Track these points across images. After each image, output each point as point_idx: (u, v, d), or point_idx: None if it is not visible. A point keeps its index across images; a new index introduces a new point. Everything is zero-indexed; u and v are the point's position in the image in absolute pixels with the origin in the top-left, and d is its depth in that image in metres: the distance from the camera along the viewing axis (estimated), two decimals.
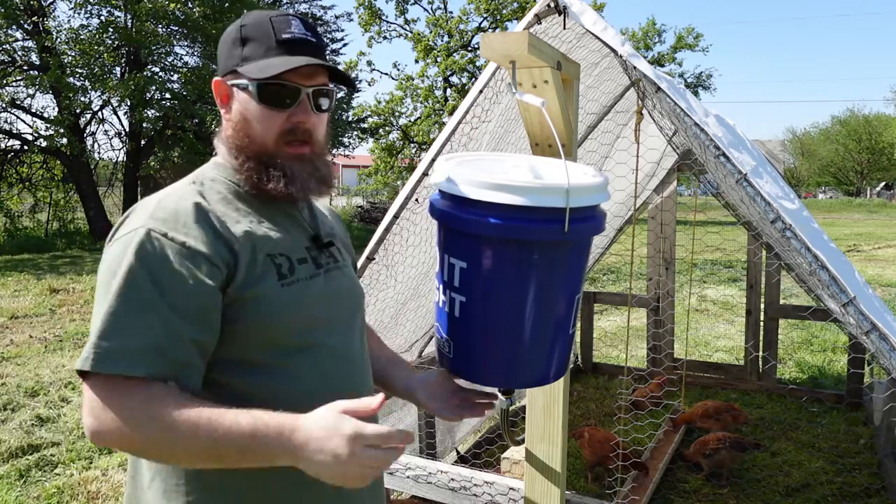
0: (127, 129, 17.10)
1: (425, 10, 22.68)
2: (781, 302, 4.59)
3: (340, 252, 1.25)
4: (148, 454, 0.97)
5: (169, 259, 0.98)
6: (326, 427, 0.89)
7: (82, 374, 0.94)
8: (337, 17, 27.69)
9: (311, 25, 1.13)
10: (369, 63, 25.67)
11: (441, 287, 1.16)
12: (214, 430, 0.90)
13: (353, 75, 21.25)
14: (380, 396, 0.92)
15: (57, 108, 15.46)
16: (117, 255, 0.99)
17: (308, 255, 1.14)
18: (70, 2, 14.81)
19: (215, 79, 1.14)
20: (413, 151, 21.46)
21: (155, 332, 0.94)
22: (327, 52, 1.17)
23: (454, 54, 21.11)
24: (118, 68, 16.08)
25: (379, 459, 0.89)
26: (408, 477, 2.38)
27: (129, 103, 15.52)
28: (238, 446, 0.91)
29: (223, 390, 1.03)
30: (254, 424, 0.91)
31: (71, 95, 14.29)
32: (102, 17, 15.06)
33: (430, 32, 21.70)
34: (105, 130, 28.78)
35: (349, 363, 1.16)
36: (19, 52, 15.41)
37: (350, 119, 20.93)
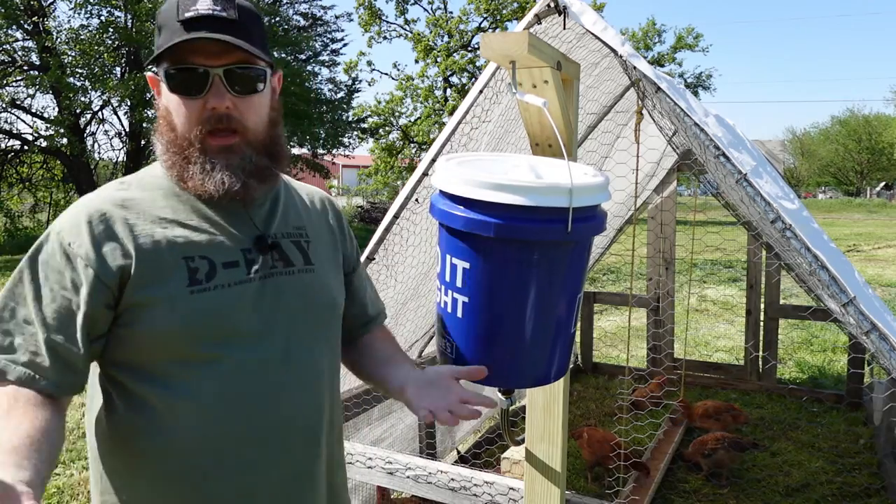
0: (127, 130, 17.10)
1: (425, 10, 22.70)
2: (781, 302, 4.59)
3: (304, 254, 1.13)
4: None
5: (51, 261, 0.98)
6: None
7: None
8: (337, 17, 27.61)
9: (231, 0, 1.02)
10: (369, 63, 25.76)
11: (443, 287, 1.16)
12: None
13: (354, 75, 21.27)
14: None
15: (57, 108, 15.46)
16: (33, 248, 1.01)
17: (243, 259, 1.05)
18: (70, 2, 14.80)
19: (147, 74, 1.08)
20: (413, 151, 21.47)
21: (14, 334, 0.95)
22: (256, 29, 1.04)
23: (454, 54, 21.12)
24: (118, 68, 16.07)
25: None
26: (408, 477, 2.38)
27: (129, 103, 15.52)
28: None
29: (126, 394, 1.01)
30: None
31: (71, 95, 14.28)
32: (102, 18, 15.06)
33: (430, 32, 21.71)
34: (105, 130, 28.76)
35: (293, 377, 1.07)
36: (19, 52, 15.41)
37: (350, 119, 20.93)
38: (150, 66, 1.06)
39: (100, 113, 16.84)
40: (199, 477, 1.01)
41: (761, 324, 4.59)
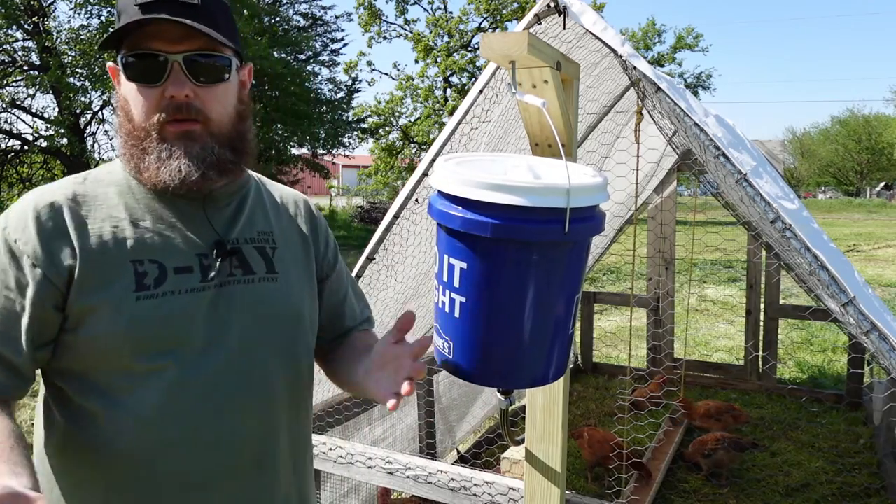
0: None
1: (425, 10, 22.72)
2: (781, 302, 4.59)
3: (268, 261, 1.06)
4: None
5: (2, 257, 0.91)
6: None
7: None
8: (337, 17, 27.66)
9: None
10: (369, 63, 25.78)
11: (440, 288, 1.16)
12: None
13: (354, 75, 21.28)
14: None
15: (57, 109, 15.48)
16: None
17: (198, 264, 0.98)
18: (70, 2, 14.81)
19: (108, 64, 1.02)
20: (413, 151, 21.48)
21: None
22: (222, 13, 0.99)
23: (454, 54, 21.13)
24: None
25: None
26: (408, 477, 2.38)
27: None
28: None
29: (68, 405, 0.96)
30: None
31: (71, 95, 14.30)
32: (102, 18, 15.07)
33: (430, 32, 21.72)
34: (105, 130, 28.71)
35: (244, 393, 1.00)
36: (19, 53, 15.43)
37: (350, 119, 20.94)
38: (110, 57, 1.00)
39: (100, 113, 16.86)
40: (140, 496, 0.96)
41: (761, 324, 4.59)
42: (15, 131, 16.39)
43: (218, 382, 0.98)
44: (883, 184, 50.22)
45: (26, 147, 16.59)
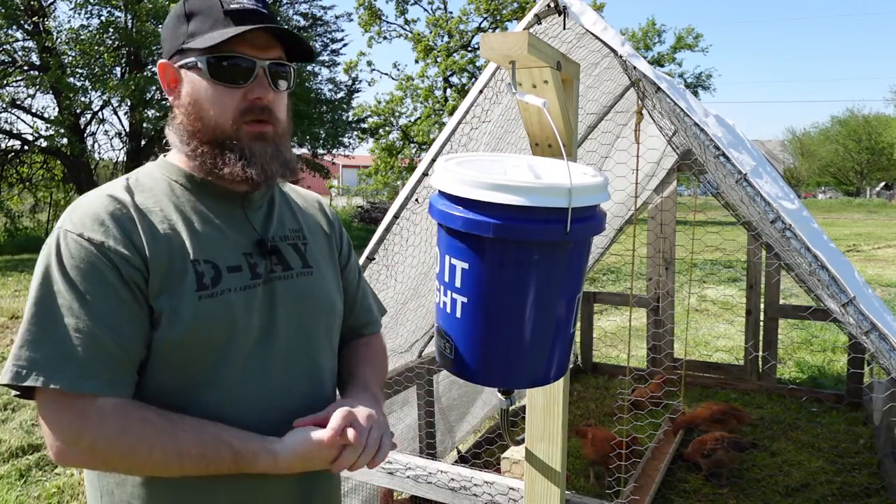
0: (127, 130, 17.11)
1: (425, 10, 22.72)
2: (781, 302, 4.59)
3: (302, 257, 1.13)
4: (127, 471, 0.95)
5: (85, 260, 0.91)
6: (303, 455, 0.96)
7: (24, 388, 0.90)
8: (337, 17, 27.64)
9: None
10: (369, 63, 25.75)
11: (442, 288, 1.16)
12: (189, 445, 0.92)
13: (354, 75, 21.28)
14: (329, 432, 0.96)
15: (57, 109, 15.47)
16: (39, 261, 0.94)
17: (245, 263, 1.03)
18: (70, 2, 14.81)
19: (160, 62, 1.05)
20: (413, 151, 21.48)
21: (78, 342, 0.89)
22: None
23: (454, 54, 21.12)
24: (118, 68, 16.08)
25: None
26: (408, 477, 2.38)
27: (129, 103, 15.52)
28: (216, 464, 0.93)
29: (150, 397, 0.98)
30: (231, 445, 0.93)
31: (71, 95, 14.29)
32: (103, 18, 15.07)
33: (430, 33, 21.72)
34: (105, 130, 28.78)
35: (294, 381, 1.07)
36: (20, 53, 15.43)
37: (350, 119, 20.93)
38: (170, 56, 1.04)
39: (100, 113, 16.86)
40: (213, 484, 1.00)
41: (761, 324, 4.59)
42: (15, 131, 16.39)
43: (273, 371, 1.04)
44: (883, 184, 50.22)
45: (26, 147, 16.58)
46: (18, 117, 17.38)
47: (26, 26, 14.99)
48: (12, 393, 0.93)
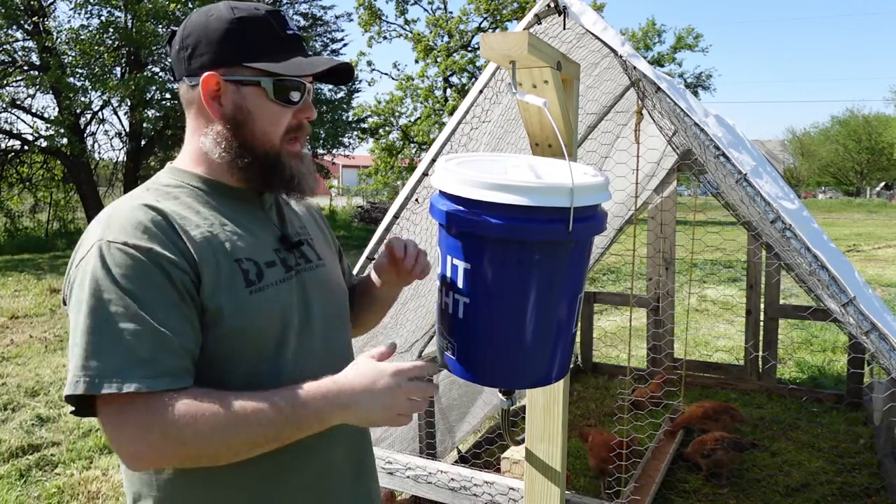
0: (127, 129, 17.11)
1: (425, 10, 22.71)
2: (781, 302, 4.59)
3: (314, 250, 1.20)
4: (201, 461, 0.95)
5: (133, 267, 0.93)
6: (369, 375, 0.98)
7: (82, 401, 0.91)
8: (337, 17, 27.66)
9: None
10: (369, 63, 25.70)
11: (444, 289, 1.16)
12: (265, 415, 0.93)
13: (354, 75, 21.27)
14: (391, 344, 1.04)
15: (57, 109, 15.47)
16: (82, 275, 0.94)
17: (277, 258, 1.10)
18: (70, 2, 14.81)
19: (208, 73, 1.04)
20: (413, 151, 21.47)
21: (141, 344, 0.90)
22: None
23: (454, 54, 21.12)
24: (118, 68, 16.08)
25: (420, 388, 0.99)
26: (408, 477, 2.39)
27: (129, 103, 15.52)
28: (294, 423, 0.95)
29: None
30: (303, 398, 0.95)
31: (71, 95, 14.29)
32: (103, 18, 15.06)
33: (430, 32, 21.71)
34: (105, 130, 28.84)
35: (332, 361, 1.12)
36: (20, 53, 15.42)
37: (350, 119, 20.93)
38: (218, 67, 1.06)
39: (100, 113, 16.86)
40: (277, 469, 1.06)
41: (761, 324, 4.59)
42: (15, 131, 16.39)
43: (316, 357, 1.11)
44: (883, 184, 50.23)
45: (26, 147, 16.58)
46: (18, 117, 17.39)
47: (26, 26, 14.99)
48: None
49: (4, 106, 15.58)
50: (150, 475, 1.04)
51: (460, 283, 1.10)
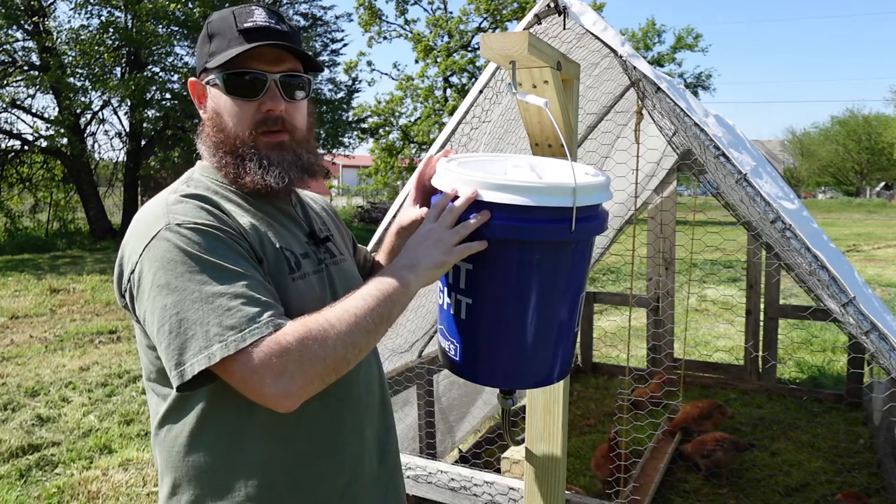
0: (127, 130, 17.11)
1: (425, 10, 22.71)
2: (781, 302, 4.59)
3: (336, 246, 1.25)
4: (338, 367, 0.95)
5: (210, 239, 0.95)
6: (411, 238, 1.06)
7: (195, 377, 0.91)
8: (337, 18, 27.68)
9: (278, 14, 1.12)
10: (369, 63, 25.74)
11: (445, 289, 1.16)
12: (365, 303, 0.97)
13: (354, 75, 21.28)
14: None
15: (57, 109, 15.47)
16: (157, 261, 0.94)
17: (310, 250, 1.15)
18: (70, 2, 14.81)
19: (191, 80, 1.14)
20: (413, 151, 21.46)
21: (256, 291, 0.94)
22: (300, 42, 1.17)
23: (454, 54, 21.11)
24: (118, 68, 16.08)
25: (451, 214, 1.04)
26: (408, 477, 2.38)
27: (129, 103, 15.53)
28: (385, 296, 0.99)
29: (231, 396, 1.01)
30: (380, 278, 1.01)
31: (71, 95, 14.29)
32: (103, 18, 15.07)
33: (430, 33, 21.71)
34: (105, 130, 28.82)
35: None
36: (20, 53, 15.42)
37: (350, 119, 20.93)
38: (199, 74, 1.13)
39: (100, 113, 16.86)
40: (312, 451, 1.09)
41: (761, 324, 4.59)
42: (15, 131, 16.38)
43: None
44: (883, 184, 50.23)
45: (26, 147, 16.58)
46: (18, 117, 17.43)
47: (26, 26, 14.98)
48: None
49: (4, 106, 15.58)
50: (190, 458, 1.04)
51: (462, 284, 1.10)
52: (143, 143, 17.16)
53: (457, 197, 1.07)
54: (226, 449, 1.04)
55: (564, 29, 1.85)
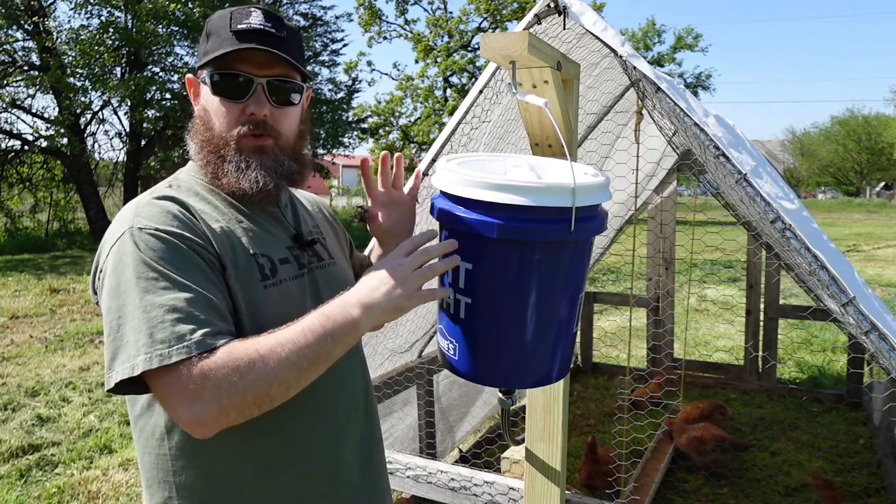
0: (127, 130, 17.11)
1: (425, 10, 22.72)
2: (781, 302, 4.59)
3: (326, 249, 1.23)
4: (260, 402, 0.92)
5: (168, 249, 0.94)
6: (373, 268, 1.02)
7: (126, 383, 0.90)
8: (337, 18, 27.64)
9: (278, 17, 1.10)
10: (369, 63, 25.79)
11: None
12: (300, 336, 0.93)
13: (354, 75, 21.28)
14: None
15: (57, 109, 15.46)
16: (115, 262, 0.95)
17: (290, 255, 1.12)
18: (70, 2, 14.81)
19: (188, 76, 1.14)
20: (413, 151, 21.47)
21: (194, 308, 0.91)
22: (298, 48, 1.15)
23: (454, 54, 21.12)
24: (118, 68, 16.08)
25: (420, 255, 1.00)
26: (408, 477, 2.39)
27: (129, 103, 15.53)
28: (329, 333, 0.95)
29: None
30: (328, 308, 0.97)
31: (71, 95, 14.29)
32: (103, 18, 15.07)
33: (430, 33, 21.72)
34: (105, 130, 28.84)
35: (345, 356, 1.13)
36: (20, 53, 15.41)
37: (350, 119, 20.93)
38: (195, 71, 1.12)
39: (100, 113, 16.85)
40: (287, 458, 1.08)
41: (761, 324, 4.59)
42: (15, 131, 16.38)
43: None
44: (883, 184, 50.23)
45: (26, 147, 16.58)
46: (18, 117, 17.42)
47: (26, 26, 14.98)
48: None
49: (4, 106, 15.57)
50: (163, 461, 1.04)
51: (461, 284, 1.10)
52: (143, 143, 17.16)
53: (442, 235, 1.06)
54: (193, 453, 1.03)
55: (564, 29, 1.85)
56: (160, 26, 15.05)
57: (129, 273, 0.92)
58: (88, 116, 16.65)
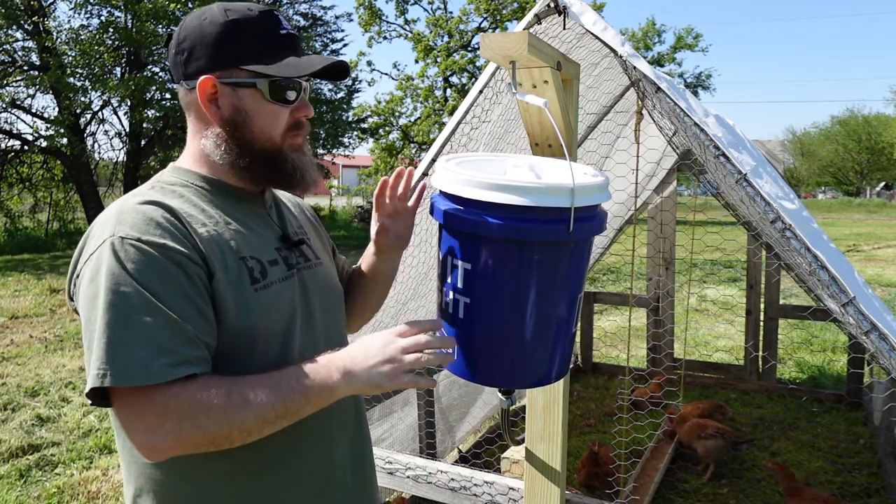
0: (127, 129, 17.11)
1: (425, 10, 22.71)
2: (781, 302, 4.59)
3: (312, 250, 1.22)
4: (218, 443, 0.93)
5: (148, 263, 0.93)
6: (364, 339, 1.02)
7: (98, 394, 0.91)
8: (337, 18, 27.68)
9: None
10: (369, 63, 25.74)
11: (444, 289, 1.16)
12: (273, 391, 0.94)
13: (354, 75, 21.28)
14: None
15: (57, 109, 15.47)
16: (93, 271, 0.93)
17: (279, 256, 1.12)
18: (70, 2, 14.81)
19: (204, 77, 1.04)
20: (413, 151, 21.46)
21: (161, 335, 0.90)
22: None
23: (454, 54, 21.11)
24: (118, 68, 16.08)
25: (414, 343, 1.00)
26: (408, 477, 2.39)
27: (129, 103, 15.52)
28: (302, 395, 0.96)
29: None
30: (307, 370, 0.97)
31: (71, 95, 14.28)
32: (103, 18, 15.06)
33: (430, 32, 21.71)
34: (105, 130, 28.85)
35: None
36: (19, 53, 15.42)
37: (350, 119, 20.93)
38: (214, 71, 1.06)
39: (100, 113, 16.85)
40: (278, 460, 1.08)
41: (761, 324, 4.59)
42: (15, 131, 16.38)
43: (320, 353, 1.08)
44: (883, 184, 50.23)
45: (26, 147, 16.58)
46: (18, 117, 17.41)
47: (26, 26, 14.98)
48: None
49: (4, 106, 15.58)
50: (151, 469, 1.04)
51: (460, 283, 1.10)
52: (142, 143, 17.16)
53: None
54: (182, 460, 1.00)
55: (564, 29, 1.85)
56: (160, 26, 15.03)
57: (106, 286, 0.91)
58: (88, 116, 16.66)
